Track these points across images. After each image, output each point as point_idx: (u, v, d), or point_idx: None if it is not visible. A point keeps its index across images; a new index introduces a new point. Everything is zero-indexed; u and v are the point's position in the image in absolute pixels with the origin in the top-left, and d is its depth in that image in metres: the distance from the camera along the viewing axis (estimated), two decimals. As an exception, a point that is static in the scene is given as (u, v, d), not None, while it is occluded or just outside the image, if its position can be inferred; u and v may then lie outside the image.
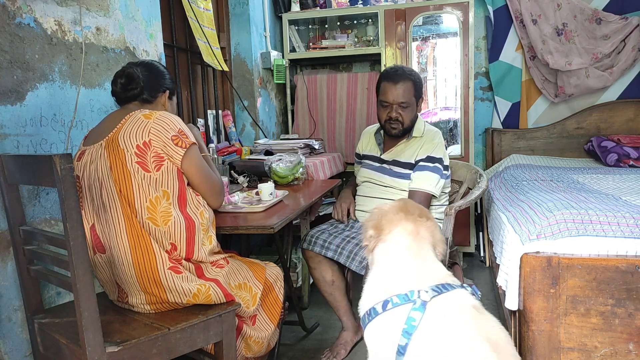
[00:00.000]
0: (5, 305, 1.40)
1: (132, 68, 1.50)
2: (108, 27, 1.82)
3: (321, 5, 3.62)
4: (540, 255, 1.63)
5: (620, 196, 2.06)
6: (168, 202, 1.38)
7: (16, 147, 1.42)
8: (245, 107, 3.15)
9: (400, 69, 2.07)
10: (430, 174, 1.99)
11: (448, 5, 3.18)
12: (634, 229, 1.62)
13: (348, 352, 2.20)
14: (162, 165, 1.37)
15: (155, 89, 1.53)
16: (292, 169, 2.37)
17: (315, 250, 2.11)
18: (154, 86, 1.53)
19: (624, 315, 1.58)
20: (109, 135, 1.38)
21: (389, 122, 2.04)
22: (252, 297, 1.57)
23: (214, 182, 1.54)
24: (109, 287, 1.44)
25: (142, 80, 1.49)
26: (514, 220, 1.89)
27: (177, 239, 1.38)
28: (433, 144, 2.04)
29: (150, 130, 1.36)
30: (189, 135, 1.44)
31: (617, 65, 3.36)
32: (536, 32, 3.40)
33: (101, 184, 1.36)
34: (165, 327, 1.30)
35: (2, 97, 1.38)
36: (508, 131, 3.62)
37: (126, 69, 1.51)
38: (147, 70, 1.52)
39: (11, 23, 1.41)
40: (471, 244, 3.34)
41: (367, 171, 2.18)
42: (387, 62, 3.30)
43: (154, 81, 1.53)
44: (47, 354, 1.40)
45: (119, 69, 1.52)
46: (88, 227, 1.39)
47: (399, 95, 2.01)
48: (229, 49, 3.16)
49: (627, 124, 3.46)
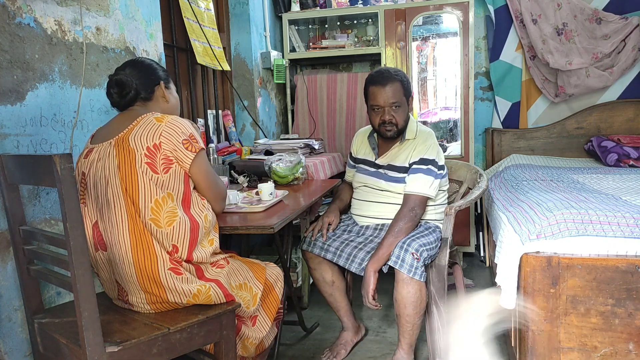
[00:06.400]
0: (5, 305, 1.40)
1: (119, 74, 1.49)
2: (108, 27, 1.82)
3: (321, 5, 3.62)
4: (540, 255, 1.63)
5: (620, 196, 2.06)
6: (174, 203, 1.38)
7: (16, 147, 1.42)
8: (245, 107, 3.15)
9: (385, 71, 2.06)
10: (423, 177, 1.99)
11: (448, 5, 3.18)
12: (634, 229, 1.62)
13: (348, 352, 2.20)
14: (170, 168, 1.37)
15: (149, 85, 1.52)
16: (292, 169, 2.37)
17: (315, 252, 2.11)
18: (146, 83, 1.51)
19: (624, 315, 1.58)
20: (119, 135, 1.38)
21: (383, 125, 2.04)
22: (252, 297, 1.57)
23: (219, 187, 1.55)
24: (109, 285, 1.44)
25: (133, 82, 1.47)
26: (514, 220, 1.89)
27: (179, 240, 1.38)
28: (425, 146, 2.04)
29: (162, 133, 1.36)
30: (199, 140, 1.44)
31: (617, 65, 3.36)
32: (536, 32, 3.40)
33: (107, 182, 1.36)
34: (165, 327, 1.30)
35: (2, 97, 1.38)
36: (508, 131, 3.62)
37: (113, 76, 1.49)
38: (134, 69, 1.51)
39: (11, 23, 1.41)
40: (471, 244, 3.34)
41: (363, 176, 2.17)
42: (387, 62, 3.30)
43: (145, 78, 1.51)
44: (47, 354, 1.40)
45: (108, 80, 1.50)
46: (91, 224, 1.39)
47: (389, 97, 2.00)
48: (229, 49, 3.16)
49: (627, 124, 3.46)
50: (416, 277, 1.82)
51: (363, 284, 1.91)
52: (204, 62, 2.59)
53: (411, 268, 1.82)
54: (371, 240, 2.06)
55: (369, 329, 2.44)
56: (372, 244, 2.03)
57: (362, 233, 2.12)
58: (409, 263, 1.82)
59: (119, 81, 1.47)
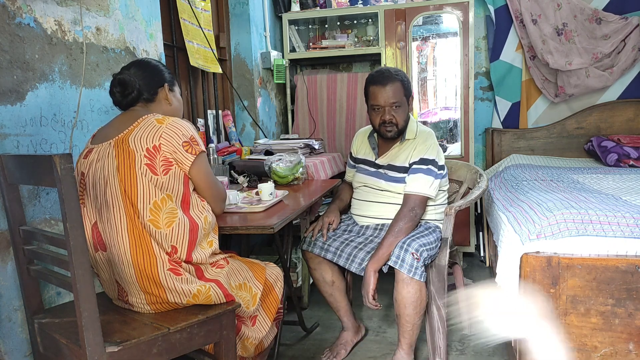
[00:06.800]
0: (5, 305, 1.40)
1: (123, 73, 1.48)
2: (108, 27, 1.82)
3: (321, 5, 3.62)
4: (540, 255, 1.63)
5: (620, 196, 2.06)
6: (173, 204, 1.38)
7: (16, 147, 1.42)
8: (245, 107, 3.15)
9: (386, 70, 2.06)
10: (424, 177, 1.99)
11: (448, 5, 3.18)
12: (634, 229, 1.62)
13: (348, 352, 2.20)
14: (170, 169, 1.37)
15: (153, 86, 1.51)
16: (292, 169, 2.36)
17: (315, 252, 2.11)
18: (150, 84, 1.50)
19: (624, 315, 1.58)
20: (118, 135, 1.38)
21: (384, 125, 2.04)
22: (252, 297, 1.57)
23: (219, 189, 1.55)
24: (108, 285, 1.44)
25: (136, 82, 1.47)
26: (514, 220, 1.89)
27: (178, 241, 1.38)
28: (425, 146, 2.04)
29: (162, 135, 1.36)
30: (200, 142, 1.44)
31: (617, 65, 3.36)
32: (536, 32, 3.40)
33: (106, 183, 1.36)
34: (165, 327, 1.30)
35: (2, 97, 1.38)
36: (508, 131, 3.62)
37: (117, 75, 1.48)
38: (139, 69, 1.50)
39: (11, 23, 1.41)
40: (471, 244, 3.34)
41: (363, 176, 2.17)
42: (387, 62, 3.30)
43: (149, 79, 1.50)
44: (47, 354, 1.40)
45: (112, 79, 1.50)
46: (90, 224, 1.39)
47: (390, 96, 2.00)
48: (229, 49, 3.16)
49: (627, 124, 3.46)
50: (416, 277, 1.82)
51: (363, 284, 1.91)
52: (197, 64, 2.57)
53: (411, 268, 1.82)
54: (371, 240, 2.06)
55: (369, 329, 2.44)
56: (372, 244, 2.03)
57: (362, 233, 2.12)
58: (409, 263, 1.82)
59: (122, 80, 1.47)
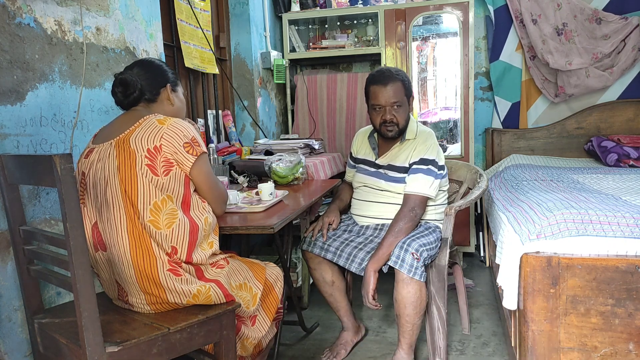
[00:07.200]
0: (5, 305, 1.40)
1: (126, 73, 1.48)
2: (108, 27, 1.82)
3: (321, 5, 3.62)
4: (540, 255, 1.63)
5: (620, 196, 2.06)
6: (174, 204, 1.38)
7: (16, 147, 1.42)
8: (245, 107, 3.15)
9: (387, 70, 2.07)
10: (424, 177, 1.99)
11: (448, 5, 3.18)
12: (634, 229, 1.62)
13: (348, 352, 2.20)
14: (170, 170, 1.37)
15: (155, 86, 1.51)
16: (292, 169, 2.36)
17: (315, 252, 2.11)
18: (152, 84, 1.50)
19: (624, 315, 1.58)
20: (119, 135, 1.38)
21: (384, 124, 2.04)
22: (252, 297, 1.57)
23: (220, 190, 1.55)
24: (108, 285, 1.44)
25: (139, 82, 1.46)
26: (514, 220, 1.89)
27: (178, 241, 1.38)
28: (425, 146, 2.04)
29: (163, 135, 1.36)
30: (201, 143, 1.44)
31: (617, 65, 3.36)
32: (536, 32, 3.40)
33: (106, 183, 1.36)
34: (165, 327, 1.30)
35: (2, 97, 1.38)
36: (508, 131, 3.62)
37: (119, 75, 1.48)
38: (142, 69, 1.50)
39: (11, 23, 1.41)
40: (471, 244, 3.34)
41: (363, 176, 2.17)
42: (387, 62, 3.30)
43: (152, 79, 1.50)
44: (47, 354, 1.40)
45: (114, 79, 1.49)
46: (90, 224, 1.39)
47: (391, 96, 2.00)
48: (229, 49, 3.16)
49: (627, 124, 3.46)
50: (416, 277, 1.82)
51: (363, 284, 1.91)
52: (192, 65, 2.56)
53: (411, 268, 1.82)
54: (371, 240, 2.06)
55: (369, 329, 2.44)
56: (372, 244, 2.03)
57: (362, 233, 2.12)
58: (409, 263, 1.82)
59: (124, 80, 1.46)
